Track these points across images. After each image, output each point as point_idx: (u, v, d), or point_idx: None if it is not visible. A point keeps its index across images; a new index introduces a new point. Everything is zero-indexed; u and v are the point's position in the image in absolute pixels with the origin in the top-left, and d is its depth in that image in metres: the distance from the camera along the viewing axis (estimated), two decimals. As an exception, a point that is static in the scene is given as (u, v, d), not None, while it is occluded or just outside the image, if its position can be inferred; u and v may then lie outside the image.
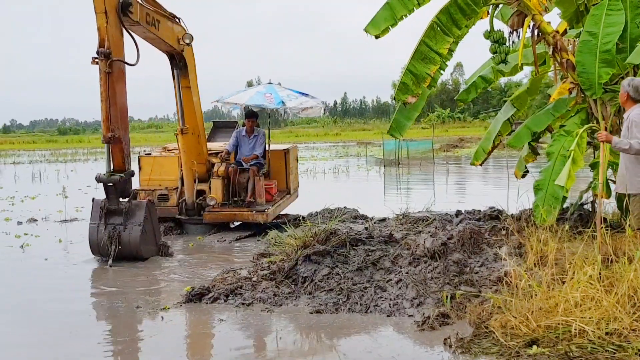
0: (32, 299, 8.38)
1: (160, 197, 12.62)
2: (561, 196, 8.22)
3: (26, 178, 28.97)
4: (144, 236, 10.22)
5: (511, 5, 9.13)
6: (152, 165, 12.73)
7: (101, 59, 9.71)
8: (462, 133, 62.48)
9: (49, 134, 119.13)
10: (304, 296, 7.67)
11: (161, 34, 10.94)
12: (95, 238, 10.20)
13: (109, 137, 9.97)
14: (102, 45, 9.74)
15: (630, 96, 7.42)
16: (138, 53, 10.29)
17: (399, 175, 26.51)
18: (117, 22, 9.88)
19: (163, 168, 12.89)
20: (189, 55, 11.99)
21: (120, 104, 10.09)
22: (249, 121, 13.25)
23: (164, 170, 12.89)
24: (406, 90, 9.03)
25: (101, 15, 9.68)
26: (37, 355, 6.37)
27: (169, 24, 11.25)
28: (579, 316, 5.66)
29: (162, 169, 12.88)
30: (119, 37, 10.02)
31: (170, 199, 12.71)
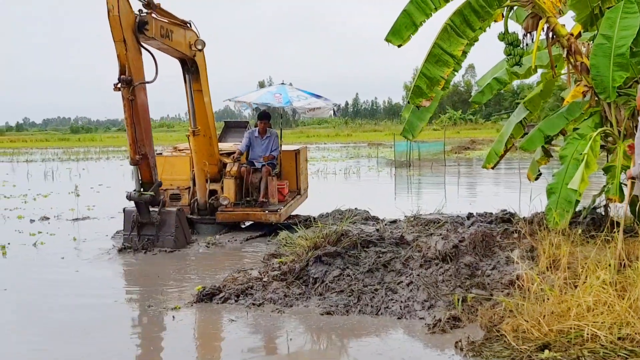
0: (45, 296, 8.40)
1: (172, 197, 12.62)
2: (574, 200, 8.18)
3: (39, 176, 29.08)
4: (176, 245, 10.84)
5: (526, 7, 9.10)
6: (163, 165, 12.70)
7: (124, 86, 9.92)
8: (474, 135, 62.34)
9: (61, 132, 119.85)
10: (315, 297, 7.66)
11: (174, 43, 11.07)
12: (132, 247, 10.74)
13: (137, 160, 10.41)
14: (124, 73, 9.92)
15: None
16: (157, 68, 10.52)
17: (410, 176, 26.46)
18: (135, 45, 10.08)
19: (174, 168, 12.87)
20: (200, 59, 12.02)
21: (144, 122, 10.46)
22: (261, 122, 13.25)
23: (175, 170, 12.87)
24: (420, 94, 9.01)
25: (120, 44, 9.86)
26: (47, 354, 6.39)
27: (182, 32, 11.31)
28: (591, 321, 5.63)
29: (173, 168, 12.87)
30: (138, 59, 10.26)
31: (182, 199, 12.70)
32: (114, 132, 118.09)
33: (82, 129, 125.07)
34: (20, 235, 12.98)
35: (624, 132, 8.69)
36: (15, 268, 10.17)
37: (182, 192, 12.71)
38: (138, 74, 10.29)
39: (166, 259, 10.38)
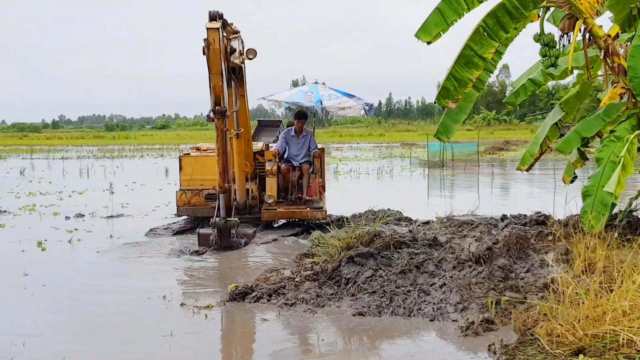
0: (80, 293, 8.52)
1: (208, 197, 12.69)
2: (610, 203, 8.08)
3: (74, 173, 29.47)
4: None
5: (562, 8, 9.01)
6: (193, 166, 12.80)
7: (218, 117, 10.07)
8: (508, 136, 61.90)
9: (96, 129, 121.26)
10: (347, 298, 7.66)
11: (234, 57, 11.11)
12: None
13: (225, 188, 10.61)
14: (219, 104, 10.05)
15: None
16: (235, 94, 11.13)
17: (443, 177, 26.34)
18: (225, 74, 10.22)
19: (205, 168, 12.90)
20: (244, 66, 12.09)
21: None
22: (298, 122, 13.33)
23: (206, 170, 12.91)
24: (447, 95, 8.95)
25: (217, 76, 10.00)
26: (80, 347, 6.48)
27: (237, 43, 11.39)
28: (627, 326, 5.56)
29: (203, 168, 12.92)
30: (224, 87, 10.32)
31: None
32: (148, 130, 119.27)
33: (117, 126, 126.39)
34: (57, 232, 13.16)
35: (662, 135, 8.57)
36: (53, 264, 10.30)
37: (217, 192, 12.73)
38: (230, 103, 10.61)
39: (200, 259, 10.46)
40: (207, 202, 12.62)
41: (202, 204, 12.60)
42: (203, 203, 12.59)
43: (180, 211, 12.74)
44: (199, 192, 12.56)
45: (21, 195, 20.35)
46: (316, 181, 13.13)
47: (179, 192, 12.48)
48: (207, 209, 12.57)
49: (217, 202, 10.73)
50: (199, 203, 12.58)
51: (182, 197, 12.45)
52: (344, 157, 39.33)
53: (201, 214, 12.76)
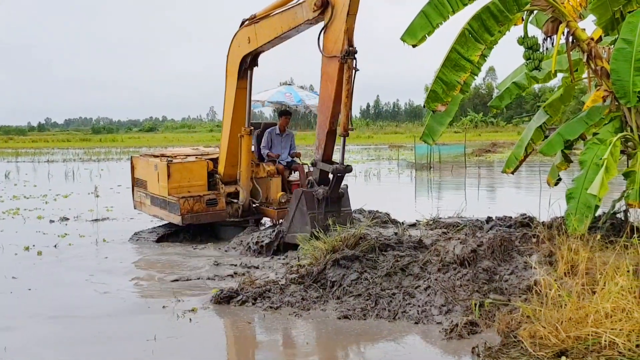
0: (63, 296, 8.50)
1: (209, 202, 12.55)
2: (594, 205, 8.12)
3: (59, 176, 29.34)
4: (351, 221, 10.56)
5: (546, 11, 9.05)
6: (181, 172, 12.60)
7: (352, 58, 9.92)
8: (495, 138, 62.05)
9: (83, 132, 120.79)
10: (332, 301, 7.67)
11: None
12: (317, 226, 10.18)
13: (348, 131, 10.33)
14: (352, 45, 9.92)
15: None
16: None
17: (431, 179, 26.40)
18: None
19: (192, 174, 12.75)
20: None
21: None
22: (285, 118, 13.43)
23: (193, 176, 12.76)
24: (436, 98, 8.99)
25: (353, 17, 9.89)
26: (60, 355, 6.47)
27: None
28: (609, 327, 5.59)
29: (191, 174, 12.75)
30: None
31: (219, 203, 12.68)
32: (135, 132, 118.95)
33: (103, 129, 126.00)
34: (45, 236, 13.11)
35: (645, 137, 8.62)
36: (40, 268, 10.28)
37: (218, 197, 12.66)
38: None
39: (184, 261, 10.46)
40: (208, 207, 12.49)
41: (204, 210, 12.44)
42: (205, 209, 12.44)
43: (186, 219, 12.24)
44: (200, 197, 12.39)
45: (5, 199, 20.26)
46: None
47: (181, 199, 12.24)
48: (209, 215, 12.48)
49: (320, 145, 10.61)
50: (201, 209, 12.39)
51: (185, 204, 12.14)
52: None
53: (204, 220, 12.52)
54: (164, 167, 12.41)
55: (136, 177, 13.96)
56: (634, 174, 8.23)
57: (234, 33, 12.00)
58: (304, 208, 10.43)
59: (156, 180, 12.76)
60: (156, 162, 12.75)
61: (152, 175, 12.98)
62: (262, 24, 11.27)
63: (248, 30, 11.66)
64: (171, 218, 12.50)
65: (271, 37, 11.19)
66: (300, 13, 10.46)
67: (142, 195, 13.56)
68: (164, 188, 12.53)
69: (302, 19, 10.45)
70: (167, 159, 12.57)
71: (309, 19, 10.31)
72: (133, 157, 14.19)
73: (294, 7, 10.61)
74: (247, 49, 11.77)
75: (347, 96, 10.02)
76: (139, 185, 13.79)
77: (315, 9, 10.01)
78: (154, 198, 12.96)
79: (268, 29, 11.21)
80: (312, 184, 10.55)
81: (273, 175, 12.94)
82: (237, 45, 12.01)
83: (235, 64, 12.16)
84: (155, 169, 12.79)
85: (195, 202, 12.19)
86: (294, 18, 10.64)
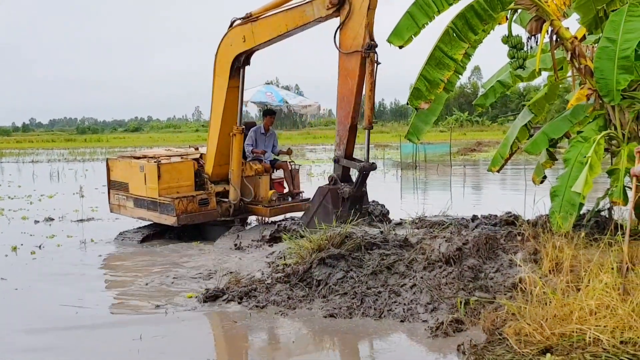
0: (48, 297, 8.46)
1: (201, 202, 12.52)
2: (578, 203, 8.15)
3: (44, 177, 29.18)
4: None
5: (530, 10, 9.08)
6: (170, 173, 12.55)
7: (374, 51, 10.00)
8: (480, 137, 62.17)
9: (67, 133, 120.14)
10: (318, 300, 7.67)
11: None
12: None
13: (371, 125, 10.53)
14: (372, 39, 10.02)
15: None
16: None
17: (416, 178, 26.43)
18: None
19: (181, 174, 12.70)
20: None
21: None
22: (270, 118, 13.49)
23: (182, 176, 12.70)
24: (419, 96, 9.01)
25: (373, 11, 9.98)
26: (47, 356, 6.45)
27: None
28: (593, 324, 5.63)
29: (180, 175, 12.70)
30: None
31: (210, 203, 12.68)
32: (120, 132, 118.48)
33: (88, 129, 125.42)
34: (30, 237, 13.05)
35: (628, 135, 8.66)
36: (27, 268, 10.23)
37: (209, 196, 12.64)
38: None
39: (173, 261, 10.43)
40: (201, 207, 12.46)
41: (197, 210, 12.41)
42: (198, 209, 12.41)
43: (181, 220, 12.20)
44: (193, 198, 12.35)
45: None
46: (298, 176, 13.60)
47: (176, 200, 12.11)
48: (202, 215, 12.47)
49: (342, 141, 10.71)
50: (195, 209, 12.36)
51: (180, 205, 12.10)
52: (317, 159, 39.30)
53: (198, 220, 12.50)
54: (154, 168, 12.29)
55: (113, 179, 13.70)
56: (617, 171, 8.27)
57: (225, 32, 11.97)
58: (329, 206, 10.46)
59: (142, 181, 12.63)
60: (142, 164, 12.64)
61: (137, 176, 12.82)
62: (262, 23, 11.26)
63: (243, 29, 11.63)
64: (163, 219, 12.39)
65: (272, 35, 11.21)
66: (310, 11, 10.49)
67: (122, 198, 13.35)
68: (153, 189, 12.41)
69: (311, 17, 10.50)
70: (154, 160, 12.50)
71: (321, 16, 10.38)
72: (109, 160, 13.92)
73: (302, 6, 10.64)
74: (242, 47, 11.76)
75: (371, 89, 10.11)
76: (117, 188, 13.55)
77: (330, 6, 10.08)
78: (139, 200, 12.83)
79: (269, 28, 11.21)
80: (335, 181, 10.58)
81: (261, 173, 12.95)
82: (229, 44, 11.97)
83: (226, 63, 12.12)
84: (141, 170, 12.65)
85: (189, 203, 12.17)
86: (302, 16, 10.67)
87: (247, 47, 11.66)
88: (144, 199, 12.73)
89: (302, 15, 10.63)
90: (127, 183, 13.20)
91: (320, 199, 10.59)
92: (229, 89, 12.23)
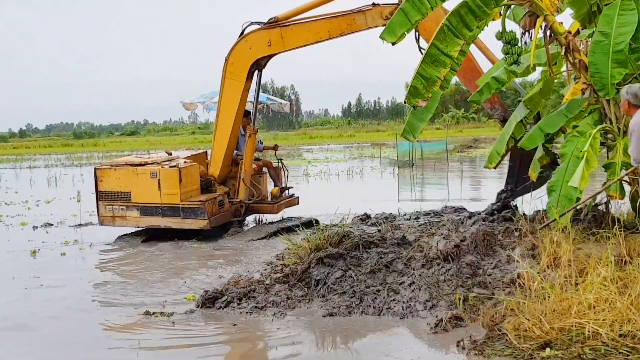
0: (51, 300, 8.46)
1: (220, 204, 12.51)
2: (575, 197, 8.17)
3: (42, 182, 29.13)
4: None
5: (523, 5, 9.09)
6: (187, 177, 12.44)
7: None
8: (477, 134, 62.18)
9: (64, 138, 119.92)
10: (317, 299, 7.68)
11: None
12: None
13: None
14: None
15: (632, 103, 7.40)
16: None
17: (413, 176, 26.43)
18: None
19: (192, 178, 12.53)
20: None
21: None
22: (245, 119, 13.36)
23: (193, 180, 12.55)
24: (416, 94, 9.00)
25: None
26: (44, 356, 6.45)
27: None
28: (592, 318, 5.64)
29: (192, 179, 12.49)
30: None
31: (225, 204, 12.69)
32: (117, 136, 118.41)
33: (85, 134, 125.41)
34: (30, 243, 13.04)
35: (624, 129, 8.66)
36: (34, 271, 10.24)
37: (224, 198, 12.65)
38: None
39: (171, 261, 10.44)
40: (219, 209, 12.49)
41: (218, 212, 12.40)
42: (218, 211, 12.42)
43: (212, 222, 12.27)
44: (214, 200, 12.32)
45: (-14, 206, 20.11)
46: (281, 172, 14.08)
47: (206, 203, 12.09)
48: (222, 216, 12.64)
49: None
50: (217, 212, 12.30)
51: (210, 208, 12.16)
52: (314, 159, 39.30)
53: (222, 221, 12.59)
54: (174, 173, 12.22)
55: (104, 190, 13.13)
56: (614, 165, 8.29)
57: (241, 36, 12.09)
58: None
59: (154, 188, 12.40)
60: (155, 169, 12.33)
61: (144, 183, 12.52)
62: (296, 28, 11.45)
63: (270, 33, 11.76)
64: (187, 224, 12.26)
65: (309, 41, 11.47)
66: (362, 20, 10.84)
67: (120, 208, 12.93)
68: (173, 195, 12.24)
69: (363, 25, 10.87)
70: (169, 165, 12.39)
71: (377, 25, 10.74)
72: (97, 169, 13.29)
73: (352, 14, 10.93)
74: (266, 51, 11.93)
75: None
76: (111, 198, 13.02)
77: (389, 16, 10.26)
78: (147, 208, 12.57)
79: (306, 33, 11.44)
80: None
81: (258, 172, 13.07)
82: (248, 47, 12.05)
83: (243, 66, 12.22)
84: (153, 176, 12.52)
85: (213, 205, 12.23)
86: (351, 24, 10.95)
87: (272, 51, 11.86)
88: (158, 207, 12.50)
89: (352, 23, 10.91)
90: (129, 192, 12.81)
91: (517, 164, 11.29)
92: (243, 92, 12.36)
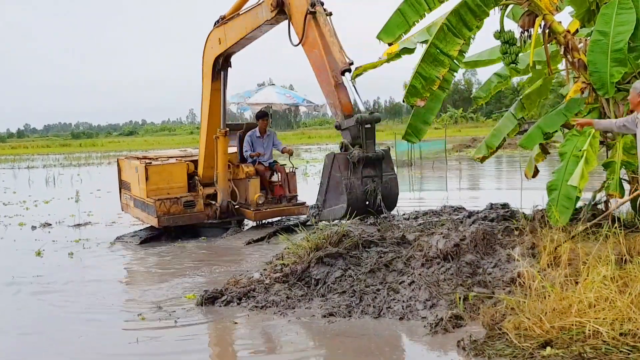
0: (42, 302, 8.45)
1: (186, 204, 12.53)
2: (574, 196, 8.16)
3: (40, 182, 29.13)
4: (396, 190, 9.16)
5: (522, 5, 9.09)
6: (161, 174, 12.56)
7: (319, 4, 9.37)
8: (475, 133, 62.14)
9: (62, 138, 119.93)
10: (317, 299, 7.66)
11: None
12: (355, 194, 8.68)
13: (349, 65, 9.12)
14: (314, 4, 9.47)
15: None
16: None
17: (412, 176, 26.43)
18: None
19: (172, 176, 12.71)
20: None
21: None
22: (264, 121, 13.38)
23: (173, 177, 12.72)
24: (415, 93, 8.99)
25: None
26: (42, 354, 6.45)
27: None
28: (592, 317, 5.64)
29: (170, 176, 12.71)
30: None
31: (197, 205, 12.65)
32: (115, 136, 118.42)
33: (83, 134, 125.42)
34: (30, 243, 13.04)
35: (623, 128, 8.67)
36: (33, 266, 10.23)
37: (196, 198, 12.64)
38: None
39: (170, 261, 10.43)
40: (186, 209, 12.48)
41: (181, 211, 12.42)
42: (182, 211, 12.42)
43: (162, 221, 12.27)
44: (177, 199, 12.35)
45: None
46: (295, 178, 13.41)
47: (157, 201, 12.16)
48: (187, 217, 12.52)
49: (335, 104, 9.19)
50: (179, 211, 12.36)
51: (161, 206, 12.16)
52: (312, 159, 39.31)
53: (182, 222, 12.54)
54: (142, 169, 12.42)
55: (122, 179, 14.08)
56: (613, 164, 8.29)
57: (207, 34, 12.00)
58: (337, 174, 8.76)
59: (137, 182, 12.76)
60: (136, 165, 12.74)
61: (134, 177, 13.02)
62: (230, 25, 11.21)
63: (218, 31, 11.63)
64: (149, 220, 12.53)
65: (237, 38, 11.11)
66: (261, 13, 10.31)
67: (127, 198, 13.64)
68: (143, 190, 12.54)
69: (262, 19, 10.30)
70: (145, 161, 12.54)
71: (269, 19, 10.11)
72: (119, 160, 14.27)
73: (255, 8, 10.48)
74: (219, 50, 11.74)
75: (332, 35, 9.18)
76: (125, 188, 13.86)
77: (272, 9, 9.88)
78: (135, 200, 12.98)
79: (235, 30, 11.14)
80: (347, 147, 8.83)
81: (252, 176, 12.88)
82: (210, 46, 11.99)
83: (208, 66, 12.15)
84: (136, 171, 12.78)
85: (172, 204, 12.20)
86: (255, 18, 10.52)
87: (222, 49, 11.65)
88: (138, 200, 12.98)
89: (256, 17, 10.48)
90: (130, 183, 13.49)
91: (328, 170, 8.93)
92: (212, 92, 12.24)
